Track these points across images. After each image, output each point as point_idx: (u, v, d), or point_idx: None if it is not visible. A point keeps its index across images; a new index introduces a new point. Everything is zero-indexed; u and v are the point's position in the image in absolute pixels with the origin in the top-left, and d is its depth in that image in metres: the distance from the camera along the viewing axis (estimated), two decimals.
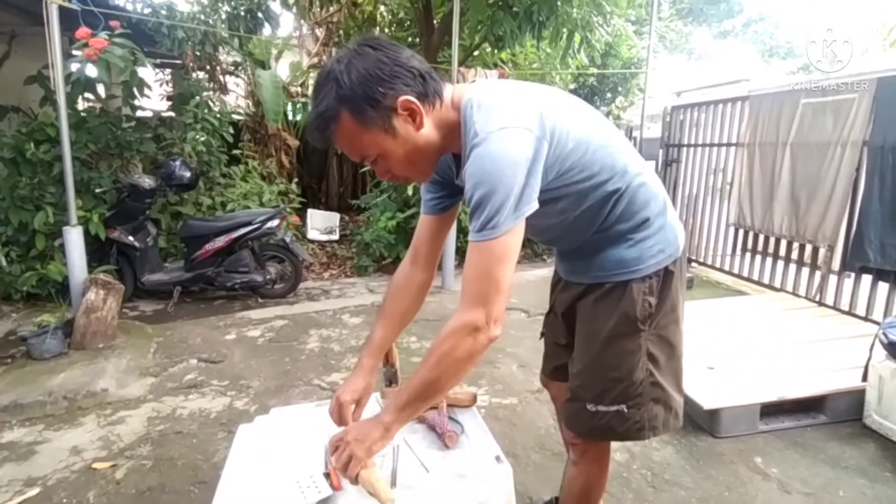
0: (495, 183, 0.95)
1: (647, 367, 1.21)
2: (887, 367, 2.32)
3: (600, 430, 1.26)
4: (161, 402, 2.67)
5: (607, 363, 1.22)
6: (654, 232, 1.19)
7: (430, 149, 1.06)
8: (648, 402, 1.22)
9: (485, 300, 0.99)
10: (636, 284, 1.18)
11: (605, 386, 1.23)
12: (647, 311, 1.19)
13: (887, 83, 3.31)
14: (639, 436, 1.25)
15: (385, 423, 1.05)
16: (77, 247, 3.32)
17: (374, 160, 1.06)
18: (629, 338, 1.20)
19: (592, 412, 1.24)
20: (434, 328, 3.69)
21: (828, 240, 3.69)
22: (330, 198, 8.56)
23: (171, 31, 4.61)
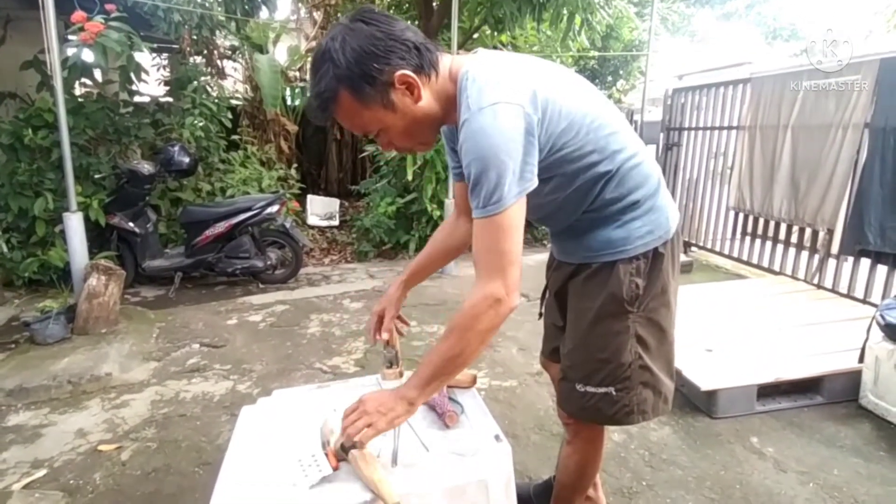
0: (492, 158, 0.96)
1: (635, 350, 1.21)
2: (884, 348, 2.34)
3: (590, 412, 1.27)
4: (164, 386, 2.70)
5: (595, 344, 1.23)
6: (642, 213, 1.18)
7: (429, 120, 1.07)
8: (637, 385, 1.23)
9: (501, 272, 1.00)
10: (622, 265, 1.18)
11: (592, 367, 1.24)
12: (634, 293, 1.19)
13: (890, 64, 3.28)
14: (628, 420, 1.25)
15: (409, 398, 1.07)
16: (77, 233, 3.33)
17: (377, 134, 1.07)
18: (616, 319, 1.20)
19: (581, 392, 1.26)
20: (433, 312, 3.71)
21: (827, 223, 3.69)
22: (329, 183, 8.54)
23: (168, 14, 4.56)
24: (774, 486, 1.94)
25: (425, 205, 5.28)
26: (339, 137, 8.50)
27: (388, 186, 5.72)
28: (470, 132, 0.97)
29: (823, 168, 3.68)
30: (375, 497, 1.04)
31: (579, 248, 1.25)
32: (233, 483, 1.13)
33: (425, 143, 1.14)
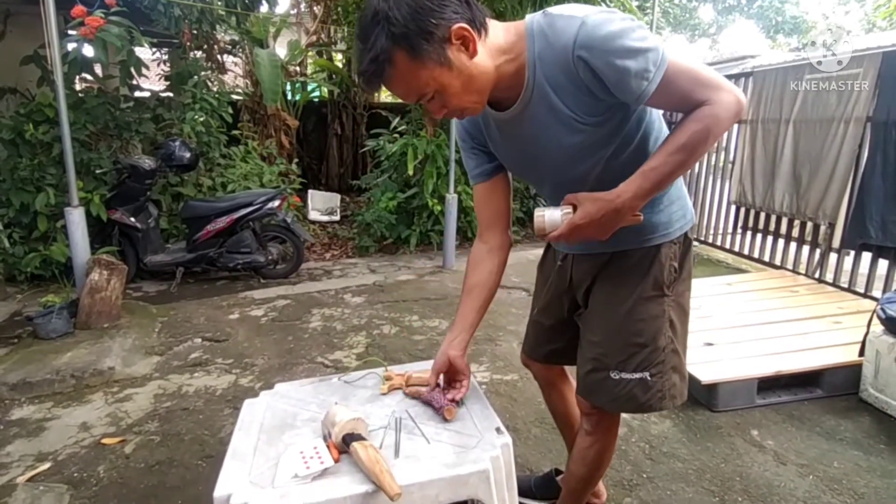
0: (619, 32, 0.93)
1: (668, 334, 1.24)
2: (884, 341, 2.35)
3: (622, 400, 1.26)
4: (167, 380, 2.71)
5: (633, 328, 1.23)
6: (675, 198, 1.23)
7: (484, 78, 1.02)
8: (669, 370, 1.24)
9: (718, 89, 0.97)
10: (665, 249, 1.22)
11: (630, 352, 1.24)
12: (672, 276, 1.23)
13: (892, 58, 3.27)
14: (661, 405, 1.26)
15: (628, 201, 1.01)
16: (79, 228, 3.33)
17: (430, 97, 1.01)
18: (655, 302, 1.22)
19: (616, 381, 1.25)
20: (434, 307, 3.72)
21: (828, 217, 3.69)
22: (330, 178, 8.54)
23: (168, 8, 4.55)
24: (774, 478, 1.95)
25: (426, 199, 5.28)
26: (340, 132, 8.50)
27: (389, 181, 5.72)
28: (583, 33, 0.94)
29: (825, 162, 3.67)
30: (377, 489, 1.04)
31: (621, 232, 1.13)
32: (235, 475, 1.14)
33: (479, 103, 1.06)
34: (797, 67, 3.92)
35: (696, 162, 1.02)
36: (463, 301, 1.39)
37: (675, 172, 1.01)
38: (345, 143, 8.58)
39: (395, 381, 1.50)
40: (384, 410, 1.37)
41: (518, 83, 1.05)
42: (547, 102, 1.05)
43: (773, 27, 14.90)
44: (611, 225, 1.03)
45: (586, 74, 0.98)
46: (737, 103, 0.97)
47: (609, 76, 0.96)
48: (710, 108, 0.97)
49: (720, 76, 0.99)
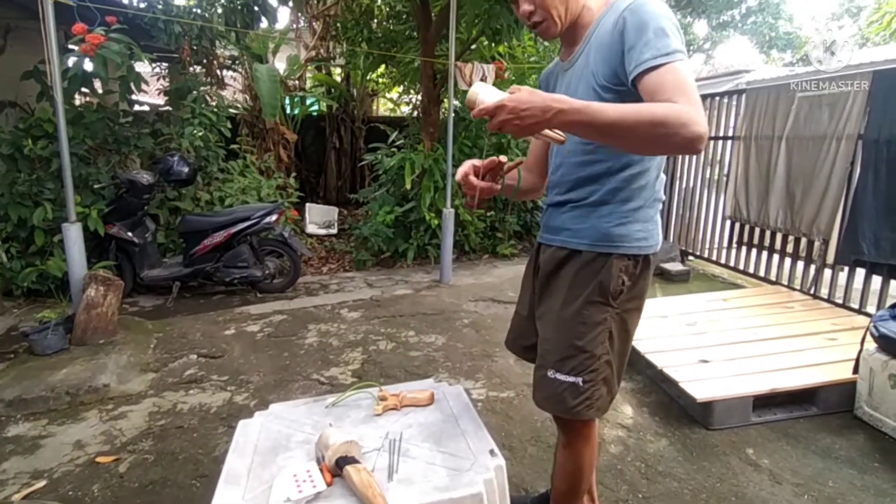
0: (666, 17, 1.09)
1: (605, 344, 1.28)
2: (878, 359, 2.36)
3: (554, 400, 1.32)
4: (162, 398, 2.70)
5: (575, 330, 1.29)
6: (642, 220, 1.28)
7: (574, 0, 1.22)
8: (600, 380, 1.29)
9: (701, 119, 1.01)
10: (617, 260, 1.27)
11: (567, 353, 1.29)
12: (619, 289, 1.27)
13: (882, 76, 3.32)
14: (587, 413, 1.30)
15: (559, 108, 1.01)
16: (76, 243, 3.34)
17: None
18: (598, 308, 1.27)
19: (551, 379, 1.31)
20: (431, 322, 3.72)
21: (822, 233, 3.72)
22: (328, 192, 8.58)
23: (168, 25, 4.60)
24: (770, 498, 1.95)
25: (424, 213, 5.30)
26: (338, 146, 8.56)
27: (386, 195, 5.74)
28: (638, 8, 1.10)
29: (818, 179, 3.71)
30: None
31: (581, 229, 1.30)
32: (229, 498, 1.14)
33: (560, 17, 1.22)
34: (789, 85, 3.98)
35: (635, 139, 1.02)
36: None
37: (617, 124, 1.00)
38: (343, 156, 8.63)
39: (390, 401, 1.51)
40: (378, 432, 1.38)
41: (582, 36, 1.25)
42: (588, 57, 1.22)
43: (767, 43, 15.09)
44: (531, 120, 1.01)
45: (619, 33, 1.12)
46: (700, 132, 0.99)
47: (630, 38, 1.09)
48: (685, 112, 0.99)
49: (699, 103, 1.04)
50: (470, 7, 5.09)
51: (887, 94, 3.25)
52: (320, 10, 7.36)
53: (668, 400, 2.66)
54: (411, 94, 8.15)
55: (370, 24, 6.59)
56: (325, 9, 7.28)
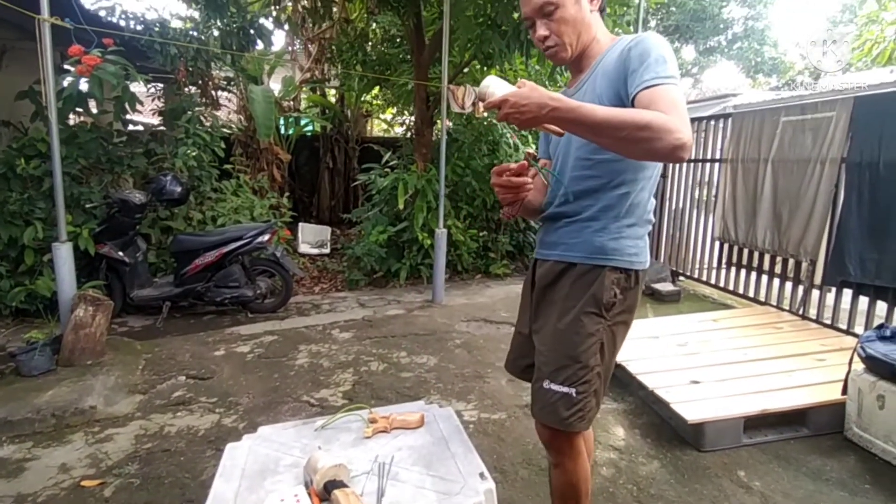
0: (666, 51, 1.19)
1: (598, 356, 1.32)
2: (866, 380, 2.38)
3: (547, 411, 1.34)
4: (149, 420, 2.66)
5: (570, 340, 1.32)
6: (633, 236, 1.35)
7: (586, 29, 1.32)
8: (591, 392, 1.32)
9: (686, 129, 1.09)
10: (609, 272, 1.32)
11: (561, 363, 1.32)
12: (612, 301, 1.32)
13: (864, 101, 3.41)
14: (579, 425, 1.32)
15: (554, 105, 1.09)
16: (66, 263, 3.32)
17: (550, 12, 1.28)
18: (592, 320, 1.31)
19: (546, 390, 1.34)
20: (423, 343, 3.71)
21: (809, 254, 3.77)
22: (321, 211, 8.60)
23: (164, 47, 4.65)
24: None
25: (416, 233, 5.32)
26: (332, 166, 8.61)
27: (379, 215, 5.77)
28: (645, 39, 1.21)
29: (804, 201, 3.78)
30: None
31: (576, 244, 1.35)
32: None
33: (571, 45, 1.32)
34: (774, 109, 4.08)
35: (623, 139, 1.09)
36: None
37: (605, 123, 1.09)
38: (336, 176, 8.68)
39: (380, 423, 1.50)
40: (368, 455, 1.37)
41: (589, 65, 1.34)
42: (594, 83, 1.30)
43: (753, 67, 15.47)
44: (529, 115, 1.10)
45: (623, 60, 1.22)
46: (684, 141, 1.08)
47: (633, 63, 1.19)
48: (671, 120, 1.08)
49: (687, 118, 1.13)
50: (462, 32, 5.20)
51: (868, 119, 3.34)
52: (316, 33, 7.48)
53: (659, 421, 2.66)
54: (405, 116, 8.25)
55: (365, 47, 6.70)
56: (321, 32, 7.39)
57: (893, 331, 2.45)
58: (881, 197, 3.26)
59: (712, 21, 13.96)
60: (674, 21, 13.95)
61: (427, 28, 5.75)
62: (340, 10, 6.99)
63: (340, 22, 6.97)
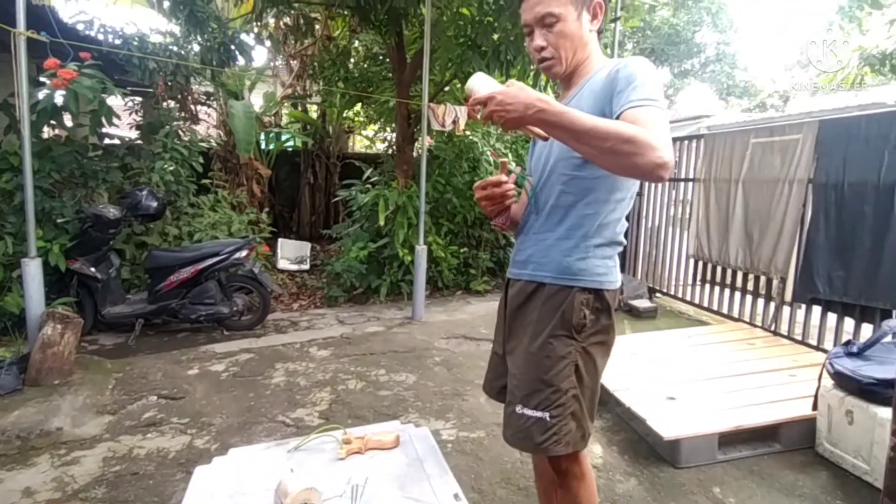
0: (653, 75, 1.21)
1: (572, 378, 1.30)
2: (835, 395, 2.43)
3: (521, 437, 1.32)
4: (118, 442, 2.58)
5: (541, 364, 1.31)
6: (602, 256, 1.34)
7: (582, 46, 1.33)
8: (568, 414, 1.30)
9: (668, 149, 1.09)
10: (578, 293, 1.31)
11: (533, 387, 1.31)
12: (581, 322, 1.30)
13: (828, 125, 3.55)
14: (555, 449, 1.29)
15: (541, 106, 1.08)
16: (35, 280, 3.23)
17: (551, 24, 1.29)
18: (562, 342, 1.30)
19: (519, 415, 1.32)
20: (402, 360, 3.69)
21: (780, 272, 3.87)
22: (302, 227, 8.54)
23: (143, 61, 4.62)
24: None
25: (397, 250, 5.32)
26: (313, 181, 8.58)
27: (360, 231, 5.75)
28: (632, 62, 1.24)
29: (773, 220, 3.89)
30: None
31: (546, 262, 1.35)
32: None
33: (566, 59, 1.33)
34: (744, 131, 4.21)
35: (606, 150, 1.09)
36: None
37: (591, 131, 1.09)
38: (317, 192, 8.65)
39: (354, 444, 1.48)
40: (342, 477, 1.35)
41: (578, 83, 1.35)
42: (580, 99, 1.30)
43: (726, 90, 15.98)
44: (515, 114, 1.10)
45: (611, 81, 1.24)
46: (666, 159, 1.08)
47: (620, 84, 1.21)
48: (655, 138, 1.09)
49: (670, 139, 1.14)
50: (443, 52, 5.28)
51: (833, 142, 3.47)
52: (298, 49, 7.51)
53: (636, 438, 2.67)
54: (387, 132, 8.29)
55: (347, 64, 6.75)
56: (303, 48, 7.43)
57: (860, 347, 2.51)
58: (846, 217, 3.37)
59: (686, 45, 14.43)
60: (649, 44, 14.37)
61: (408, 47, 5.82)
62: (323, 27, 7.04)
63: (323, 39, 7.02)
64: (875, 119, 3.32)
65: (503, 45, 4.90)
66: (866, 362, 2.41)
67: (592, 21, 1.33)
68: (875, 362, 2.40)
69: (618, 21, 5.63)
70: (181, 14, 4.77)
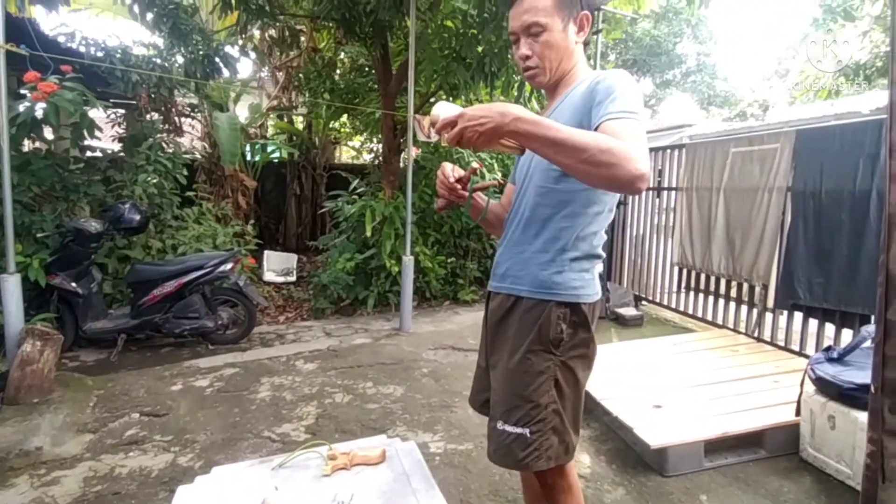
0: (633, 88, 1.20)
1: (551, 393, 1.29)
2: (817, 401, 2.47)
3: (502, 453, 1.31)
4: (99, 461, 2.53)
5: (520, 379, 1.30)
6: (578, 269, 1.32)
7: (567, 56, 1.33)
8: (549, 430, 1.29)
9: (645, 161, 1.07)
10: (555, 307, 1.30)
11: (513, 403, 1.30)
12: (558, 336, 1.29)
13: (805, 135, 3.63)
14: (536, 465, 1.29)
15: (514, 115, 1.06)
16: (14, 296, 3.17)
17: (537, 33, 1.29)
18: (540, 357, 1.29)
19: (499, 431, 1.31)
20: (390, 372, 3.67)
21: (761, 278, 3.93)
22: (288, 238, 8.49)
23: (126, 74, 4.59)
24: None
25: (384, 261, 5.31)
26: (299, 192, 8.55)
27: (347, 242, 5.73)
28: (611, 75, 1.24)
29: (754, 227, 3.95)
30: None
31: (523, 276, 1.34)
32: None
33: (550, 70, 1.34)
34: (724, 141, 4.29)
35: (583, 161, 1.06)
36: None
37: (567, 142, 1.07)
38: (304, 203, 8.62)
39: (340, 460, 1.47)
40: (326, 494, 1.34)
41: (562, 93, 1.35)
42: (562, 112, 1.30)
43: (707, 100, 16.30)
44: (491, 125, 1.07)
45: (590, 92, 1.24)
46: (643, 171, 1.06)
47: (600, 96, 1.21)
48: (632, 150, 1.07)
49: (646, 151, 1.13)
50: (428, 64, 5.32)
51: (810, 151, 3.55)
52: (283, 61, 7.51)
53: (624, 447, 2.68)
54: (373, 143, 8.31)
55: (332, 75, 6.76)
56: (288, 60, 7.43)
57: (840, 352, 2.56)
58: (824, 224, 3.44)
59: (667, 56, 14.70)
60: (631, 56, 14.62)
61: (394, 59, 5.86)
62: (308, 39, 7.06)
63: (308, 51, 7.03)
64: (850, 128, 3.40)
65: (487, 58, 4.95)
66: (847, 367, 2.45)
67: (578, 33, 1.33)
68: (855, 367, 2.44)
69: (600, 33, 5.72)
70: (164, 26, 4.75)
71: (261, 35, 6.98)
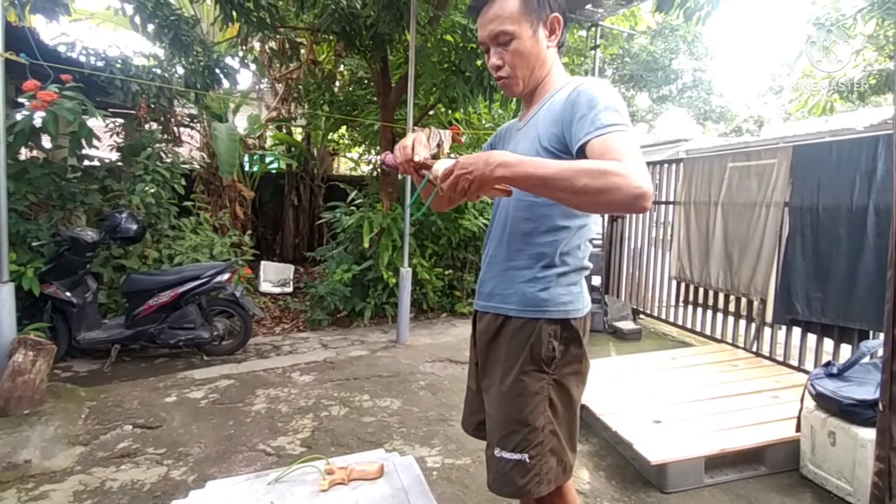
0: (615, 97, 1.16)
1: (547, 414, 1.26)
2: (817, 417, 2.45)
3: (502, 481, 1.27)
4: (90, 474, 2.48)
5: (514, 403, 1.26)
6: (565, 284, 1.29)
7: (541, 64, 1.29)
8: (547, 452, 1.25)
9: (645, 176, 1.02)
10: (545, 325, 1.26)
11: (509, 428, 1.26)
12: (550, 354, 1.26)
13: (802, 150, 3.66)
14: (538, 490, 1.25)
15: (500, 162, 1.04)
16: (6, 305, 3.13)
17: (506, 42, 1.25)
18: (534, 377, 1.25)
19: (497, 458, 1.27)
20: (386, 385, 3.63)
21: (759, 293, 3.93)
22: (285, 249, 8.47)
23: (125, 83, 4.60)
24: None
25: (381, 272, 5.29)
26: (297, 203, 8.54)
27: (344, 253, 5.72)
28: (591, 85, 1.18)
29: (752, 242, 3.96)
30: None
31: (509, 294, 1.30)
32: None
33: (522, 79, 1.30)
34: (721, 155, 4.32)
35: (578, 190, 1.01)
36: None
37: (556, 176, 1.03)
38: (301, 214, 8.61)
39: (337, 475, 1.44)
40: None
41: (538, 101, 1.32)
42: (538, 120, 1.28)
43: (703, 115, 16.45)
44: (478, 173, 1.05)
45: (570, 103, 1.19)
46: (645, 188, 1.01)
47: (581, 109, 1.15)
48: (629, 167, 1.02)
49: (644, 165, 1.07)
50: (427, 77, 5.35)
51: (807, 167, 3.57)
52: (283, 73, 7.55)
53: (623, 462, 2.65)
54: (371, 154, 8.33)
55: (332, 87, 6.80)
56: (288, 72, 7.47)
57: (840, 368, 2.55)
58: (822, 239, 3.45)
59: (663, 71, 14.85)
60: (628, 71, 14.78)
61: (393, 72, 5.90)
62: (308, 52, 7.10)
63: (308, 63, 7.07)
64: (846, 145, 3.43)
65: (486, 71, 4.99)
66: (846, 383, 2.44)
67: (550, 37, 1.28)
68: (855, 383, 2.43)
69: (597, 49, 5.78)
70: (166, 37, 4.77)
71: (261, 47, 7.03)
